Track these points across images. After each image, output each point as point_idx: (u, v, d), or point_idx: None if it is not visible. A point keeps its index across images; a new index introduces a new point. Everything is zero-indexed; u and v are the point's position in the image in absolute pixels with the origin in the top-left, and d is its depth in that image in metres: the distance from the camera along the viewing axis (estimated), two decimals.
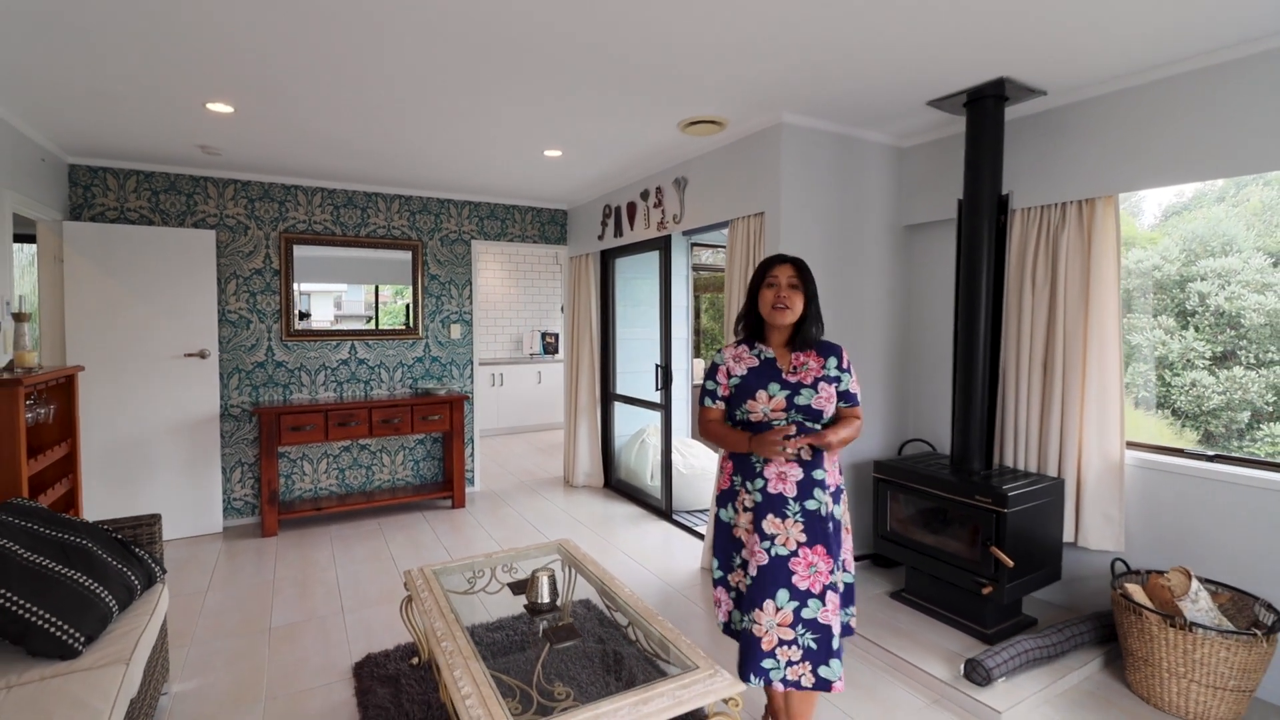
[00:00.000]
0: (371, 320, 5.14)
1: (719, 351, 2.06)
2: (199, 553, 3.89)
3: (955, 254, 3.18)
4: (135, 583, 2.17)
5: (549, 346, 8.36)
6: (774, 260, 1.98)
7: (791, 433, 1.87)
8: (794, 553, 1.86)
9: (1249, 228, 3.32)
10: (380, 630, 2.92)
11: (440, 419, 4.68)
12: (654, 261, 4.66)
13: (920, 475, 2.94)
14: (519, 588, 2.39)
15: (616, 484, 5.31)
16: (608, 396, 5.34)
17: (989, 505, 2.63)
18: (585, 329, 5.27)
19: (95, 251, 3.85)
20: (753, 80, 2.71)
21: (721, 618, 2.05)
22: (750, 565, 1.91)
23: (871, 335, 3.54)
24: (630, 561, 3.76)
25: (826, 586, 1.87)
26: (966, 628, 2.77)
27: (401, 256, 4.94)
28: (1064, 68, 2.55)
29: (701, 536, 4.00)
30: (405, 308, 5.08)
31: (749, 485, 1.95)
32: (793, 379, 1.93)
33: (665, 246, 4.40)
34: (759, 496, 1.91)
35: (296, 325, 4.59)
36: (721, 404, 2.02)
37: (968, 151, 2.86)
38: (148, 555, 2.32)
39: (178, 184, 4.16)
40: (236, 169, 4.22)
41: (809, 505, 1.89)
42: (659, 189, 4.20)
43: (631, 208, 4.55)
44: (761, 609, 1.85)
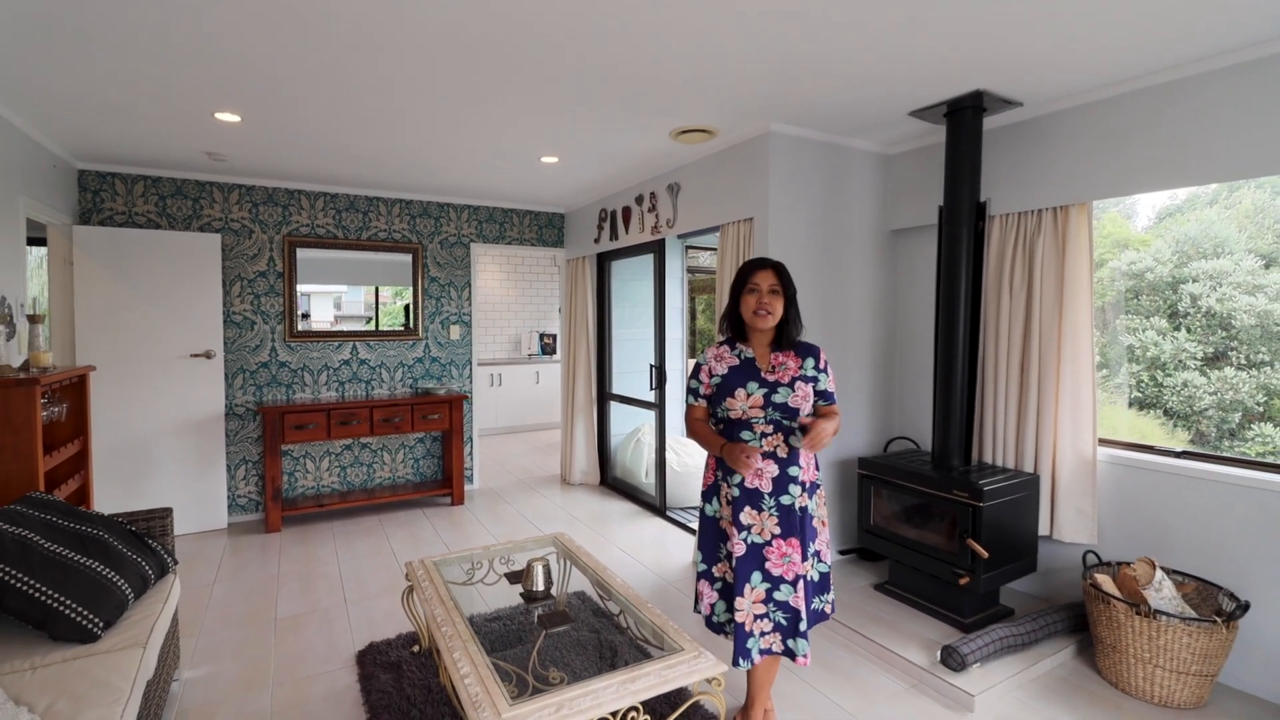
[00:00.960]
0: (371, 320, 5.25)
1: (703, 352, 2.18)
2: (205, 548, 4.00)
3: (936, 258, 3.29)
4: (149, 572, 2.28)
5: (547, 347, 8.47)
6: (754, 265, 2.09)
7: (758, 456, 1.97)
8: (768, 542, 1.99)
9: (1240, 229, 3.36)
10: (382, 620, 3.03)
11: (440, 418, 4.79)
12: (649, 264, 4.77)
13: (902, 471, 3.05)
14: (515, 578, 2.50)
15: (612, 482, 5.42)
16: (604, 396, 5.46)
17: (966, 500, 2.74)
18: (582, 330, 5.38)
19: (104, 254, 3.96)
20: (741, 92, 2.83)
21: (704, 610, 2.16)
22: (732, 557, 2.03)
23: (858, 336, 3.65)
24: (624, 556, 3.87)
25: (798, 576, 1.99)
26: (946, 617, 2.88)
27: (402, 259, 5.05)
28: (1038, 81, 2.67)
29: (694, 532, 4.11)
30: (405, 308, 5.19)
31: (729, 480, 2.07)
32: (771, 378, 2.04)
33: (659, 250, 4.52)
34: (737, 491, 2.03)
35: (299, 326, 4.70)
36: (704, 401, 2.13)
37: (947, 160, 2.98)
38: (160, 547, 2.43)
39: (184, 189, 4.27)
40: (241, 174, 4.33)
41: (783, 500, 2.01)
42: (653, 194, 4.31)
43: (626, 212, 4.66)
44: (742, 595, 1.98)
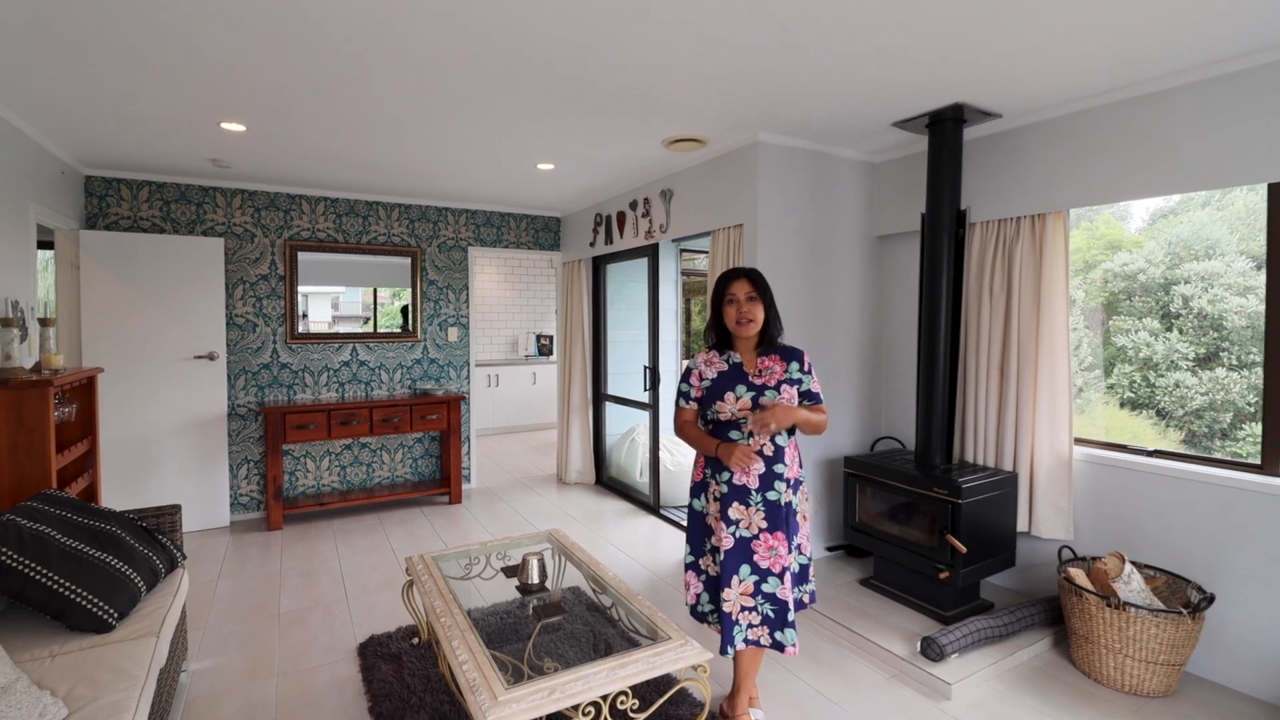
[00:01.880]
0: (369, 321, 5.34)
1: (693, 357, 2.28)
2: (208, 545, 4.09)
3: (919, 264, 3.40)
4: (160, 566, 2.37)
5: (543, 348, 8.57)
6: (730, 276, 2.18)
7: (755, 457, 2.10)
8: (755, 536, 2.09)
9: (1232, 231, 3.40)
10: (382, 614, 3.12)
11: (438, 418, 4.89)
12: (643, 268, 4.87)
13: (885, 470, 3.16)
14: (511, 571, 2.60)
15: (607, 481, 5.52)
16: (599, 397, 5.56)
17: (945, 497, 2.85)
18: (578, 332, 5.49)
19: (110, 258, 4.05)
20: (730, 104, 2.93)
21: (690, 600, 2.27)
22: (720, 550, 2.13)
23: (845, 339, 3.76)
24: (619, 553, 3.97)
25: (785, 568, 2.09)
26: (928, 610, 2.99)
27: (401, 262, 5.15)
28: (1016, 94, 2.78)
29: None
30: (403, 309, 5.29)
31: (718, 478, 2.17)
32: (758, 381, 2.14)
33: (653, 253, 4.62)
34: (725, 488, 2.13)
35: (300, 328, 4.79)
36: (694, 405, 2.24)
37: (929, 169, 3.08)
38: (169, 542, 2.53)
39: (188, 194, 4.37)
40: (244, 179, 4.42)
41: (770, 496, 2.11)
42: (647, 199, 4.42)
43: (621, 217, 4.76)
44: (729, 586, 2.08)
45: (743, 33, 2.22)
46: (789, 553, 2.11)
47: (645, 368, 4.75)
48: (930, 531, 2.99)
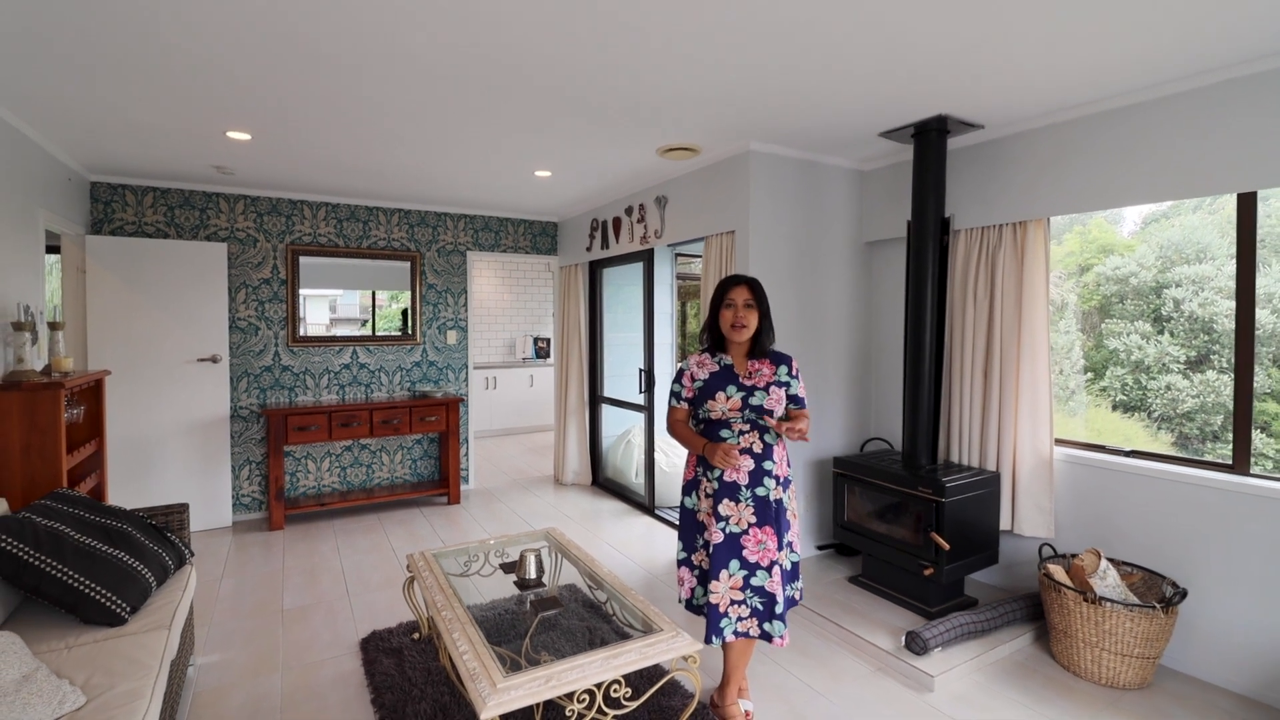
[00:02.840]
0: (367, 323, 5.42)
1: (686, 359, 2.37)
2: (211, 545, 4.17)
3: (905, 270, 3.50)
4: (169, 562, 2.45)
5: (541, 351, 8.65)
6: (730, 282, 2.28)
7: (740, 456, 2.19)
8: (745, 531, 2.18)
9: (1222, 235, 3.44)
10: (383, 611, 3.20)
11: (437, 420, 4.97)
12: (639, 272, 4.96)
13: (873, 470, 3.25)
14: (510, 568, 2.68)
15: (603, 482, 5.61)
16: (596, 399, 5.64)
17: (929, 496, 2.94)
18: (575, 335, 5.57)
19: (115, 263, 4.13)
20: (722, 116, 3.03)
21: (684, 594, 2.35)
22: (710, 545, 2.22)
23: (835, 343, 3.85)
24: (614, 551, 4.06)
25: (773, 562, 2.18)
26: (913, 607, 3.07)
27: (401, 266, 5.23)
28: (998, 106, 2.88)
29: None
30: (402, 313, 5.37)
31: (709, 475, 2.26)
32: (748, 383, 2.23)
33: (649, 258, 4.71)
34: (716, 485, 2.22)
35: (301, 331, 4.87)
36: (686, 404, 2.33)
37: (915, 178, 3.18)
38: (178, 539, 2.60)
39: (192, 199, 4.45)
40: (247, 185, 4.51)
41: (759, 492, 2.20)
42: (642, 205, 4.51)
43: (617, 222, 4.86)
44: (718, 579, 2.17)
45: (734, 53, 2.32)
46: (779, 549, 2.20)
47: (641, 370, 4.84)
48: (916, 530, 3.08)
